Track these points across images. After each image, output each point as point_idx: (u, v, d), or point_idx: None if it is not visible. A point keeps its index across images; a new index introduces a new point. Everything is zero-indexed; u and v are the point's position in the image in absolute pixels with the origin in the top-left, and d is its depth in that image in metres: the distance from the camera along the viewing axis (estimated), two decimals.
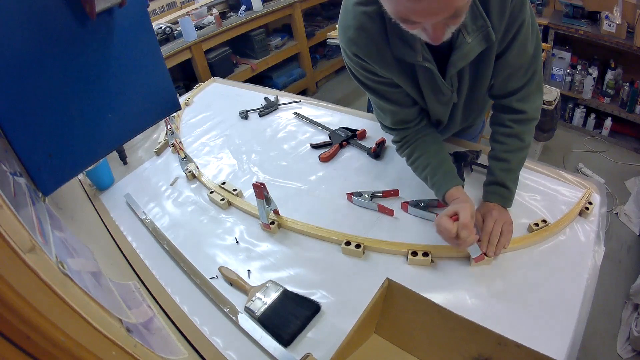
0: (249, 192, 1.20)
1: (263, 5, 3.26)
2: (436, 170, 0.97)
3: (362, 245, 0.94)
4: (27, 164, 0.85)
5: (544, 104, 2.29)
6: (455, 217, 0.82)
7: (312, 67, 3.82)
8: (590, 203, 0.97)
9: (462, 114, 1.06)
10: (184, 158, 1.38)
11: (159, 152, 1.48)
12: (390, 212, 1.03)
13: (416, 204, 1.02)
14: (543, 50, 2.41)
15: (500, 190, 0.96)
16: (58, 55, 0.88)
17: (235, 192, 1.18)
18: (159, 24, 2.94)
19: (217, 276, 0.95)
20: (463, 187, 0.96)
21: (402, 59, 0.85)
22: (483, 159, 1.17)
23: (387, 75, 0.90)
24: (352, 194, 1.08)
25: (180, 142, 1.46)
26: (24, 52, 0.81)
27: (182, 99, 1.75)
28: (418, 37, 0.75)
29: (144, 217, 1.17)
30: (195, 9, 3.22)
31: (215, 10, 3.14)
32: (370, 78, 0.93)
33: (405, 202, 1.03)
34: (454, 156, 1.16)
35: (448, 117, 1.05)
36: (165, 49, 2.71)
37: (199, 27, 3.02)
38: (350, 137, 1.33)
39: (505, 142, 0.97)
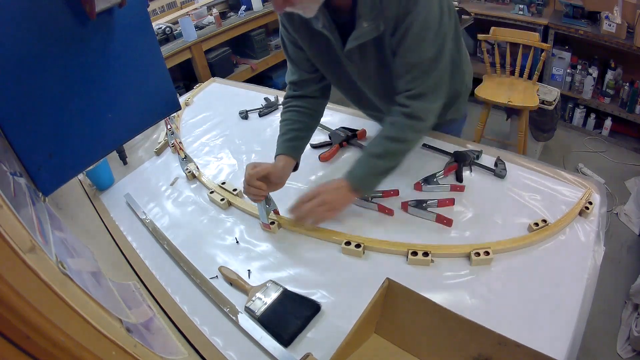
0: None
1: (263, 5, 3.26)
2: (284, 136, 1.10)
3: (362, 245, 0.94)
4: (27, 164, 0.85)
5: (544, 103, 2.30)
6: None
7: None
8: (590, 203, 0.97)
9: (380, 100, 1.13)
10: (184, 158, 1.38)
11: (159, 152, 1.48)
12: (390, 212, 1.03)
13: (416, 204, 1.02)
14: (543, 50, 2.38)
15: (352, 167, 1.00)
16: (58, 55, 0.88)
17: (235, 192, 1.18)
18: (159, 24, 2.94)
19: (217, 276, 0.95)
20: (297, 163, 1.10)
21: (308, 24, 0.96)
22: (483, 160, 1.17)
23: (294, 35, 1.03)
24: None
25: (180, 142, 1.46)
26: (24, 52, 0.81)
27: (182, 99, 1.75)
28: (323, 8, 0.89)
29: (144, 217, 1.17)
30: (195, 9, 3.22)
31: (215, 10, 3.14)
32: (284, 33, 1.08)
33: (405, 202, 1.03)
34: (454, 156, 1.16)
35: (362, 100, 1.18)
36: (165, 49, 2.71)
37: (199, 27, 3.02)
38: (350, 137, 1.33)
39: (384, 128, 1.02)
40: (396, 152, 0.99)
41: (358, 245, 0.94)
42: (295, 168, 1.12)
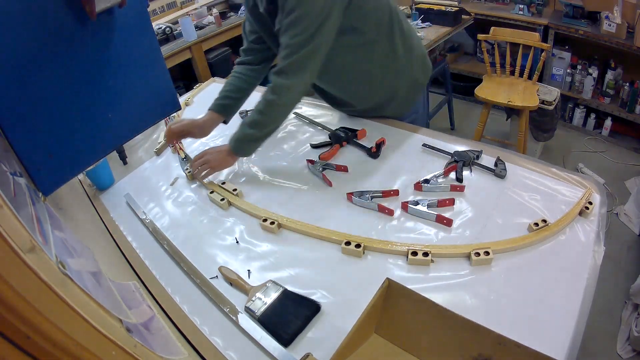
0: (249, 192, 1.20)
1: None
2: (217, 96, 1.31)
3: (362, 245, 0.94)
4: (27, 164, 0.85)
5: (544, 103, 2.30)
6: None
7: None
8: (590, 203, 0.97)
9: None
10: (184, 158, 1.38)
11: (159, 152, 1.48)
12: (390, 212, 1.03)
13: (416, 204, 1.02)
14: (543, 50, 2.39)
15: (234, 133, 1.19)
16: (58, 55, 0.88)
17: (235, 192, 1.18)
18: (159, 24, 2.94)
19: (217, 276, 0.95)
20: (225, 120, 1.33)
21: (256, 5, 1.14)
22: (483, 160, 1.17)
23: (248, 13, 1.24)
24: (352, 194, 1.08)
25: (180, 142, 1.46)
26: (24, 52, 0.81)
27: (182, 99, 1.75)
28: None
29: (144, 217, 1.17)
30: (195, 9, 3.22)
31: (215, 10, 3.14)
32: (244, 9, 1.26)
33: (405, 202, 1.03)
34: (454, 156, 1.16)
35: None
36: (165, 49, 2.71)
37: (199, 27, 3.01)
38: (350, 137, 1.33)
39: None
40: (262, 123, 1.15)
41: (358, 245, 0.94)
42: (225, 122, 1.36)
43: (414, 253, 0.90)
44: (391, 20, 1.18)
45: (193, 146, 1.47)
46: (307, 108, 1.59)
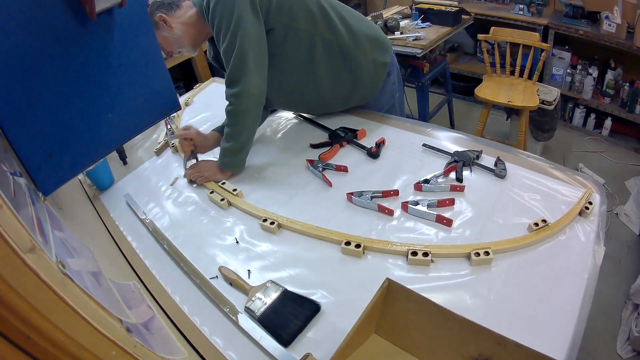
0: (249, 192, 1.20)
1: None
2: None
3: (362, 245, 0.94)
4: (27, 164, 0.85)
5: (544, 103, 2.30)
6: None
7: None
8: (590, 203, 0.97)
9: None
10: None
11: (159, 152, 1.48)
12: (390, 212, 1.03)
13: (416, 204, 1.02)
14: (543, 50, 2.39)
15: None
16: (58, 55, 0.88)
17: (235, 192, 1.18)
18: None
19: (217, 276, 0.95)
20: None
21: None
22: (483, 160, 1.17)
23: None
24: (352, 194, 1.08)
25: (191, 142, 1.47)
26: (24, 52, 0.81)
27: (182, 99, 1.75)
28: (208, 43, 1.39)
29: (144, 217, 1.17)
30: None
31: None
32: None
33: (405, 202, 1.03)
34: (454, 156, 1.16)
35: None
36: None
37: None
38: (350, 137, 1.33)
39: None
40: (233, 134, 1.21)
41: (358, 245, 0.94)
42: None
43: (414, 253, 0.90)
44: (324, 11, 1.23)
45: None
46: None
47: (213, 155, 1.34)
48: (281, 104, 1.44)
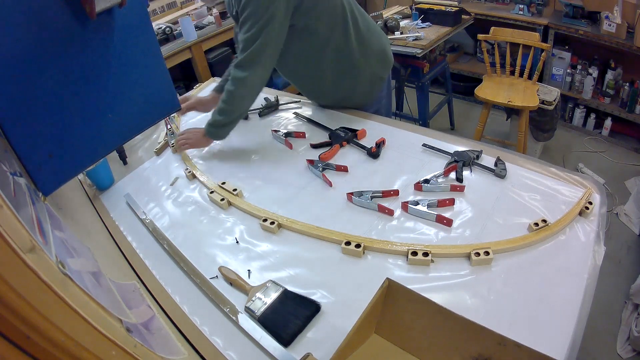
0: (249, 192, 1.20)
1: None
2: (223, 77, 1.52)
3: (362, 245, 0.94)
4: (27, 164, 0.84)
5: (544, 103, 2.30)
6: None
7: None
8: (590, 203, 0.97)
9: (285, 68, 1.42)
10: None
11: (159, 152, 1.48)
12: (390, 212, 1.03)
13: (416, 204, 1.02)
14: (543, 50, 2.39)
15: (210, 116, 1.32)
16: (58, 55, 0.88)
17: (235, 192, 1.18)
18: (159, 24, 2.94)
19: (217, 276, 0.95)
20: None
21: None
22: (483, 160, 1.17)
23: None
24: (352, 194, 1.08)
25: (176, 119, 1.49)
26: (24, 52, 0.81)
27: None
28: None
29: (144, 217, 1.17)
30: (195, 9, 3.22)
31: (215, 10, 3.14)
32: None
33: (405, 202, 1.03)
34: (454, 156, 1.16)
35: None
36: (165, 49, 2.71)
37: (199, 27, 3.02)
38: (350, 137, 1.33)
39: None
40: (227, 111, 1.27)
41: (358, 245, 0.94)
42: None
43: (414, 253, 0.90)
44: (345, 19, 1.27)
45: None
46: (307, 108, 1.59)
47: None
48: (284, 75, 1.49)
